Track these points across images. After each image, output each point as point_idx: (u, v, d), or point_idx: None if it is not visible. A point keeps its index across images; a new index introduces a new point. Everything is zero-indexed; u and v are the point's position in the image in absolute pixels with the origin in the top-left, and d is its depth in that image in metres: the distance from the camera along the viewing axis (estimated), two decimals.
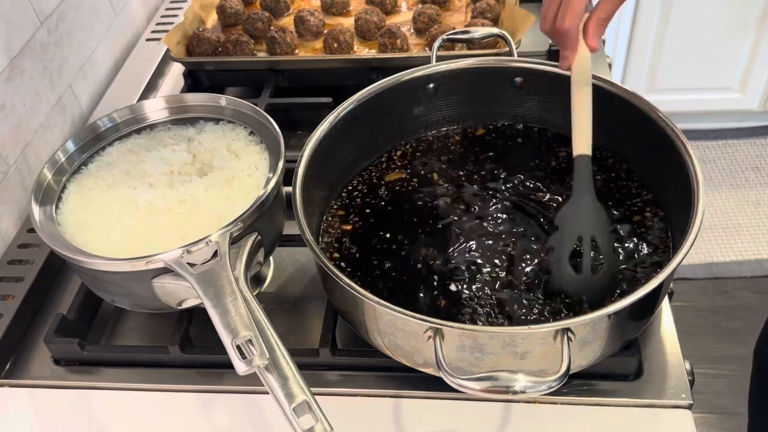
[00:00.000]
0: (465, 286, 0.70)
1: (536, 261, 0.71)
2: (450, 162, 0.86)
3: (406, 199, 0.81)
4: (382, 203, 0.81)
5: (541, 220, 0.76)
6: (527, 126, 0.89)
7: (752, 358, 1.02)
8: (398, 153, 0.88)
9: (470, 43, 0.98)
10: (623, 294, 0.68)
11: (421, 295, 0.70)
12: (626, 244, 0.73)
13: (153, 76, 1.18)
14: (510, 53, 0.88)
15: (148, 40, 1.28)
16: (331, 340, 0.72)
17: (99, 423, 0.72)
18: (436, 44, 0.88)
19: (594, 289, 0.68)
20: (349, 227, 0.79)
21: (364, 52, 1.07)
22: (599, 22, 0.72)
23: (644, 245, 0.73)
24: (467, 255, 0.73)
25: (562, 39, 0.74)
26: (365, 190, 0.83)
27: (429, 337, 0.59)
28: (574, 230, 0.69)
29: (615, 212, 0.77)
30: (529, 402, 0.68)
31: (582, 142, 0.72)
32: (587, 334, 0.59)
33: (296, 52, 1.08)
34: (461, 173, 0.84)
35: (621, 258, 0.71)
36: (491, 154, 0.86)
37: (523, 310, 0.67)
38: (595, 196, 0.71)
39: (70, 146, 0.80)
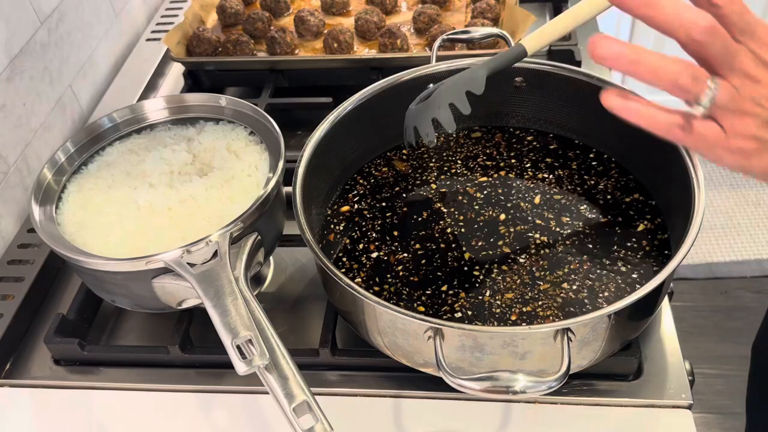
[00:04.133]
0: (465, 285, 0.70)
1: (534, 261, 0.72)
2: (450, 162, 0.86)
3: (407, 198, 0.81)
4: (383, 203, 0.81)
5: (537, 221, 0.76)
6: (527, 126, 0.89)
7: (750, 357, 1.02)
8: (399, 153, 0.88)
9: (470, 43, 0.98)
10: (622, 296, 0.68)
11: (422, 294, 0.70)
12: (626, 244, 0.73)
13: (153, 76, 1.18)
14: None
15: (148, 40, 1.28)
16: (331, 340, 0.72)
17: (99, 423, 0.72)
18: (436, 44, 0.88)
19: (408, 116, 0.74)
20: (349, 226, 0.79)
21: (364, 52, 1.07)
22: None
23: (644, 245, 0.73)
24: (467, 254, 0.73)
25: None
26: (365, 190, 0.83)
27: (429, 337, 0.59)
28: (440, 83, 0.72)
29: (614, 212, 0.77)
30: (529, 402, 0.68)
31: (535, 41, 0.71)
32: (587, 334, 0.60)
33: (296, 52, 1.08)
34: (461, 173, 0.84)
35: (449, 113, 0.71)
36: (491, 154, 0.86)
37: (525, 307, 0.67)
38: (484, 69, 0.71)
39: (70, 146, 0.80)
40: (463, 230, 0.76)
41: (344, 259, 0.75)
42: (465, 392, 0.56)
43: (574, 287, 0.69)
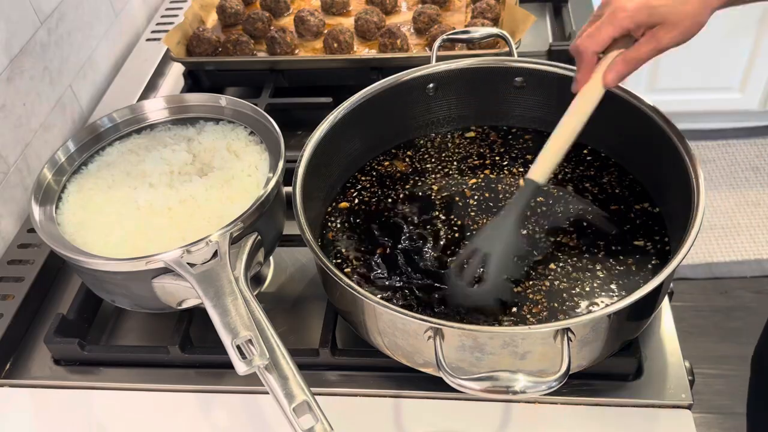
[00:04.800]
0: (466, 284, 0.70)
1: (532, 259, 0.72)
2: (450, 162, 0.86)
3: (407, 198, 0.81)
4: (383, 203, 0.81)
5: (535, 220, 0.76)
6: (527, 126, 0.89)
7: (750, 367, 1.01)
8: (398, 153, 0.88)
9: (470, 43, 0.98)
10: (622, 296, 0.68)
11: (423, 293, 0.70)
12: (626, 244, 0.73)
13: (153, 76, 1.18)
14: (510, 53, 0.88)
15: (148, 40, 1.28)
16: (331, 340, 0.72)
17: (99, 423, 0.72)
18: (436, 44, 0.88)
19: (464, 299, 0.68)
20: (349, 226, 0.79)
21: (364, 52, 1.07)
22: (627, 61, 0.66)
23: (644, 245, 0.73)
24: (467, 253, 0.73)
25: (576, 59, 0.69)
26: (366, 190, 0.83)
27: (429, 337, 0.59)
28: (476, 243, 0.69)
29: (614, 212, 0.77)
30: (529, 402, 0.68)
31: (540, 170, 0.69)
32: (587, 334, 0.60)
33: (296, 52, 1.08)
34: (461, 173, 0.84)
35: (508, 285, 0.70)
36: (491, 154, 0.86)
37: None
38: (517, 222, 0.70)
39: (70, 146, 0.80)
40: (463, 229, 0.76)
41: (344, 258, 0.75)
42: (465, 392, 0.56)
43: (573, 287, 0.69)
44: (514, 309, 0.67)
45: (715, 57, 2.16)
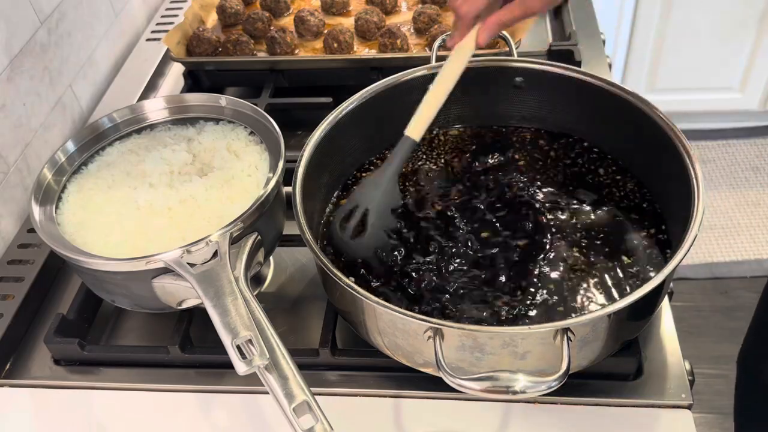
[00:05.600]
0: (466, 283, 0.70)
1: (531, 258, 0.72)
2: (450, 162, 0.86)
3: (406, 196, 0.81)
4: None
5: (534, 218, 0.76)
6: (527, 126, 0.89)
7: (736, 367, 1.01)
8: None
9: None
10: (622, 295, 0.68)
11: (422, 293, 0.70)
12: (626, 244, 0.73)
13: (153, 76, 1.18)
14: (510, 53, 0.88)
15: (148, 40, 1.28)
16: (331, 340, 0.72)
17: (99, 423, 0.72)
18: (436, 44, 0.88)
19: (348, 250, 0.74)
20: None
21: (364, 52, 1.07)
22: (498, 22, 0.72)
23: (644, 245, 0.73)
24: (467, 254, 0.73)
25: (456, 19, 0.75)
26: None
27: (429, 337, 0.59)
28: (356, 198, 0.74)
29: (614, 212, 0.77)
30: (529, 402, 0.68)
31: (417, 126, 0.73)
32: (587, 334, 0.60)
33: (296, 52, 1.08)
34: (461, 173, 0.84)
35: (384, 237, 0.74)
36: (491, 154, 0.86)
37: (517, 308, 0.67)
38: (394, 178, 0.74)
39: (70, 146, 0.80)
40: (462, 228, 0.76)
41: (344, 259, 0.75)
42: (465, 392, 0.55)
43: (573, 286, 0.69)
44: (514, 310, 0.67)
45: (715, 57, 2.16)
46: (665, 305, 0.75)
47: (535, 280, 0.70)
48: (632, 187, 0.80)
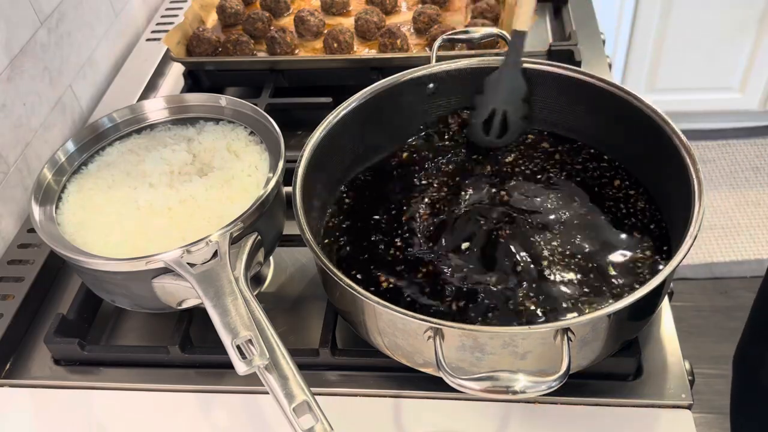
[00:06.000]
0: (466, 282, 0.70)
1: (531, 258, 0.71)
2: (450, 162, 0.86)
3: (406, 198, 0.81)
4: (383, 203, 0.81)
5: (534, 218, 0.76)
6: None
7: (732, 367, 1.01)
8: (398, 152, 0.88)
9: (470, 43, 0.98)
10: (622, 295, 0.68)
11: (422, 293, 0.70)
12: (626, 244, 0.73)
13: (153, 76, 1.18)
14: None
15: (148, 40, 1.28)
16: (331, 340, 0.72)
17: (99, 423, 0.72)
18: (436, 44, 0.88)
19: (495, 145, 0.84)
20: (349, 227, 0.79)
21: (364, 52, 1.07)
22: None
23: (644, 245, 0.73)
24: (467, 254, 0.73)
25: None
26: (366, 190, 0.83)
27: (429, 337, 0.59)
28: (490, 100, 0.82)
29: (613, 211, 0.77)
30: (529, 402, 0.68)
31: (524, 19, 0.80)
32: (587, 334, 0.60)
33: (296, 52, 1.08)
34: (461, 174, 0.84)
35: (524, 125, 0.84)
36: (490, 154, 0.86)
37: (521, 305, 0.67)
38: (515, 71, 0.81)
39: (70, 146, 0.80)
40: (462, 227, 0.76)
41: (344, 259, 0.75)
42: (465, 392, 0.56)
43: (572, 286, 0.69)
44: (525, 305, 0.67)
45: (715, 57, 2.16)
46: (665, 305, 0.75)
47: (534, 279, 0.70)
48: (632, 186, 0.80)
